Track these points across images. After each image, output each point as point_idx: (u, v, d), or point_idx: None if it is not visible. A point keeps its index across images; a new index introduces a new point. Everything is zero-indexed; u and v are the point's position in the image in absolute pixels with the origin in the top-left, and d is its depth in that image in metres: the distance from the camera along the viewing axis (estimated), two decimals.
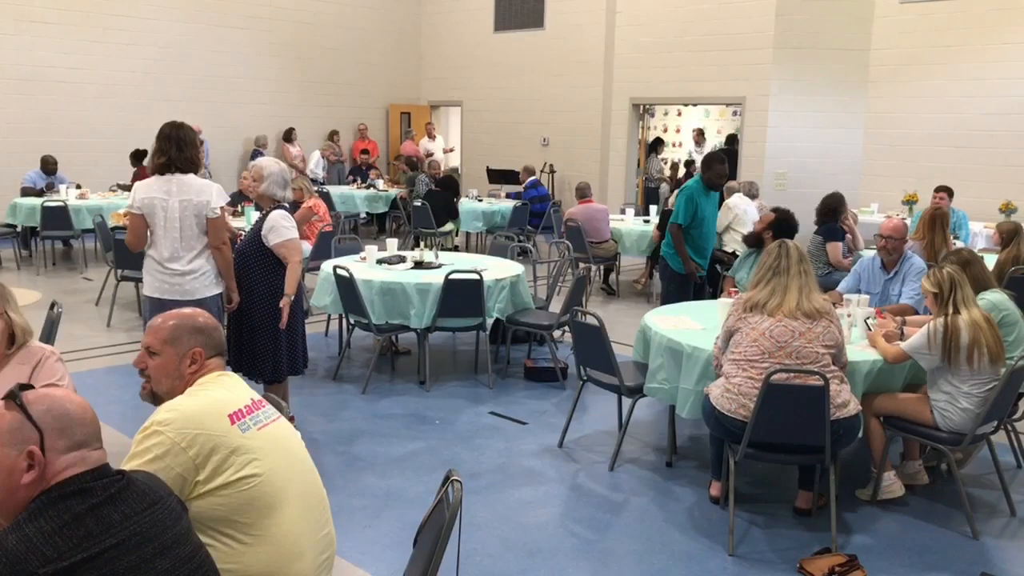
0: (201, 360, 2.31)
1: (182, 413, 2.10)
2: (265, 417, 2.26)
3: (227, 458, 2.08)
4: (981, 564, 3.68)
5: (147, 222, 4.37)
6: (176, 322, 2.34)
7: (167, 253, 4.36)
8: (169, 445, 2.03)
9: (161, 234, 4.36)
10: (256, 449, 2.14)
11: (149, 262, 4.44)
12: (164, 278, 4.39)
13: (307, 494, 2.27)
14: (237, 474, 2.08)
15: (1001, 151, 11.16)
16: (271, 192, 4.58)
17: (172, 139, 4.36)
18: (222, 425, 2.11)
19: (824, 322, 3.77)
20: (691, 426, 5.12)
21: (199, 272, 4.42)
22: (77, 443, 1.71)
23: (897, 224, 5.15)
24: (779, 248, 3.98)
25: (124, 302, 7.98)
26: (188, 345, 2.30)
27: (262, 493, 2.11)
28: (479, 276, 5.68)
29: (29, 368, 2.86)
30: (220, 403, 2.17)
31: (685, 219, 6.28)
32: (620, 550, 3.74)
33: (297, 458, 2.29)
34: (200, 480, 2.05)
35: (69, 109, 12.35)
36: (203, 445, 2.06)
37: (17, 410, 1.70)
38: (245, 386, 2.35)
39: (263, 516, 2.12)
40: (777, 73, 10.89)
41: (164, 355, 2.30)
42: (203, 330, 2.35)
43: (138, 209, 4.36)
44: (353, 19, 15.48)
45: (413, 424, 5.22)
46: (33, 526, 1.60)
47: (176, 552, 1.72)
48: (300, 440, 2.39)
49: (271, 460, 2.16)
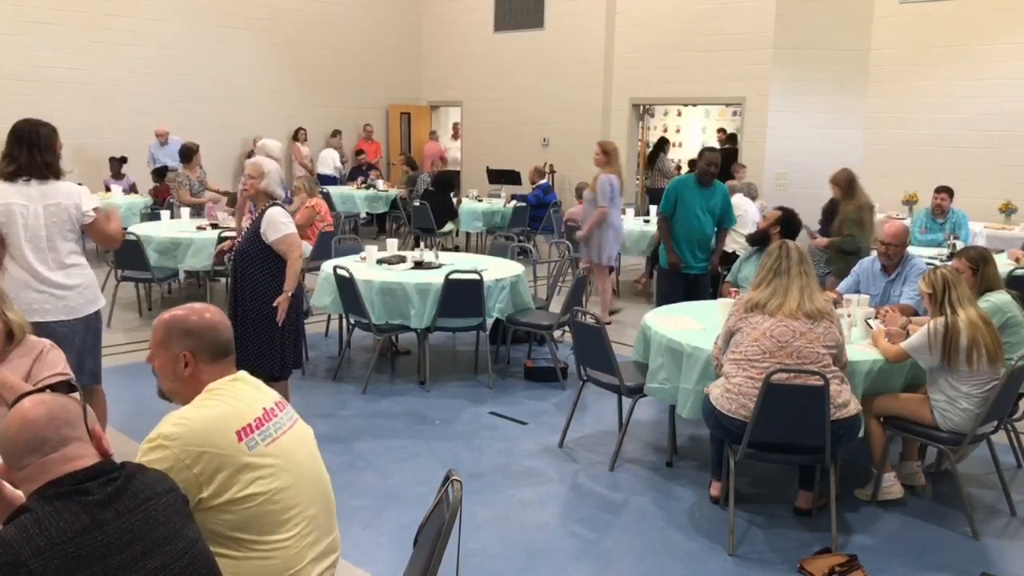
0: (193, 363, 2.22)
1: (189, 429, 2.05)
2: (276, 429, 2.19)
3: (233, 476, 2.05)
4: (981, 564, 3.68)
5: None
6: (167, 324, 2.26)
7: (39, 266, 3.81)
8: (173, 460, 2.00)
9: (22, 244, 3.78)
10: (263, 467, 2.10)
11: (8, 282, 3.75)
12: (44, 296, 3.82)
13: (314, 505, 2.23)
14: (243, 492, 2.06)
15: (1001, 151, 11.16)
16: (271, 189, 4.57)
17: (24, 142, 3.79)
18: (229, 443, 2.07)
19: (825, 323, 3.77)
20: (691, 426, 5.12)
21: (85, 285, 3.97)
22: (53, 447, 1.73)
23: (898, 230, 5.12)
24: (779, 249, 3.99)
25: (124, 302, 7.98)
26: (177, 348, 2.23)
27: (267, 511, 2.09)
28: (479, 276, 5.68)
29: (30, 360, 2.89)
30: (229, 418, 2.12)
31: (665, 208, 6.47)
32: (620, 550, 3.74)
33: (307, 470, 2.24)
34: (204, 497, 2.03)
35: (69, 109, 12.34)
36: (208, 463, 2.03)
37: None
38: (260, 391, 2.29)
39: (267, 532, 2.10)
40: (777, 73, 10.89)
41: (159, 358, 2.26)
42: (193, 332, 2.24)
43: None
44: (353, 19, 15.47)
45: (413, 424, 5.22)
46: (31, 520, 1.62)
47: (167, 549, 1.73)
48: (313, 446, 2.34)
49: (279, 478, 2.12)
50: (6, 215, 3.75)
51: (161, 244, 7.48)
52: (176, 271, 7.65)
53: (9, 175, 3.78)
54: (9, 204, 3.76)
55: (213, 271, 7.67)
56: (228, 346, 2.31)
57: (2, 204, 3.75)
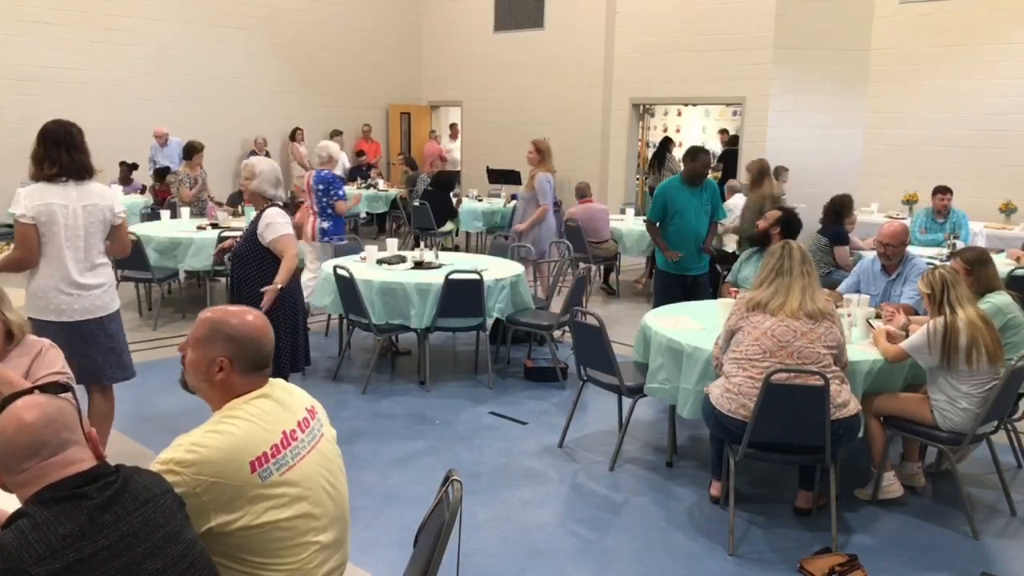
0: (229, 369, 2.15)
1: (203, 457, 1.99)
2: (294, 456, 2.12)
3: (244, 506, 2.01)
4: (981, 564, 3.68)
5: (39, 233, 3.78)
6: (212, 323, 2.19)
7: (72, 268, 3.85)
8: (184, 488, 1.96)
9: (62, 247, 3.82)
10: (276, 496, 2.05)
11: (42, 282, 3.85)
12: (68, 300, 3.88)
13: (330, 529, 2.19)
14: (254, 521, 2.02)
15: (1001, 151, 11.16)
16: (261, 190, 4.55)
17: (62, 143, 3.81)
18: (242, 474, 2.01)
19: (826, 323, 3.77)
20: (691, 426, 5.12)
21: (108, 284, 4.05)
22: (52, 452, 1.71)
23: (897, 230, 5.12)
24: (782, 249, 3.99)
25: (124, 302, 7.94)
26: (216, 351, 2.16)
27: (277, 537, 2.06)
28: (479, 276, 5.68)
29: (28, 360, 2.90)
30: (244, 447, 2.04)
31: (654, 215, 6.41)
32: (620, 550, 3.74)
33: (323, 494, 2.18)
34: (212, 526, 2.00)
35: (69, 109, 12.29)
36: (220, 494, 1.99)
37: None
38: (285, 408, 2.20)
39: (276, 556, 2.07)
40: (777, 73, 10.89)
41: (195, 353, 2.18)
42: (237, 340, 2.17)
43: (32, 219, 3.75)
44: (353, 19, 15.47)
45: (413, 424, 5.22)
46: (29, 525, 1.61)
47: (168, 551, 1.72)
48: (334, 464, 2.27)
49: (292, 507, 2.08)
50: (48, 215, 3.76)
51: (161, 244, 7.48)
52: (176, 271, 7.65)
53: (51, 177, 3.78)
54: (50, 204, 3.77)
55: (213, 271, 7.67)
56: (267, 360, 2.23)
57: (43, 204, 3.75)
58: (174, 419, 5.00)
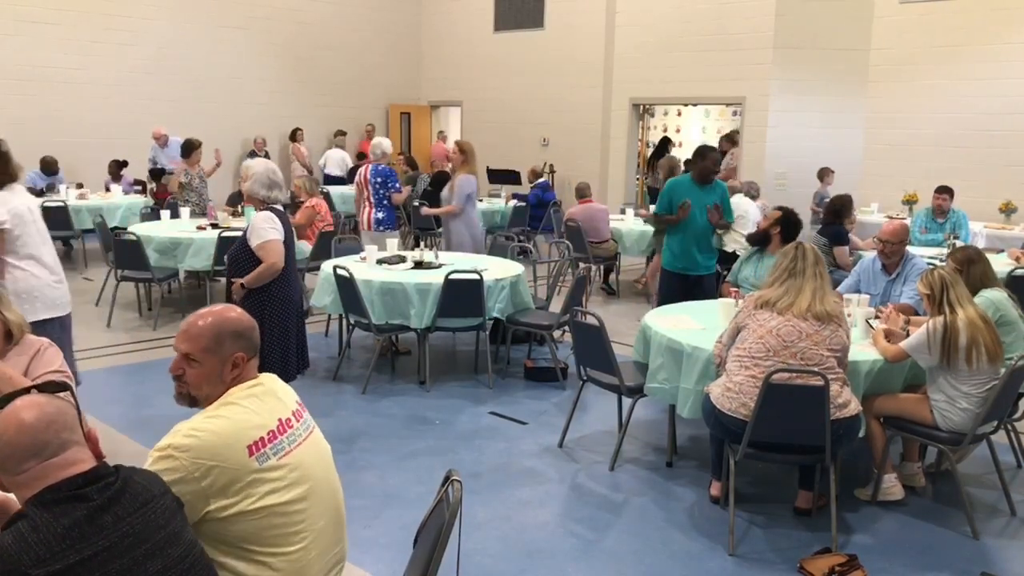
0: (244, 364, 2.22)
1: (201, 441, 2.02)
2: (290, 442, 2.16)
3: (242, 490, 2.03)
4: (981, 564, 3.68)
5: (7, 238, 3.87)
6: (215, 328, 2.22)
7: (51, 263, 3.97)
8: (183, 472, 1.98)
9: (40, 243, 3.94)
10: (274, 480, 2.08)
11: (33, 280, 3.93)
12: (60, 292, 4.01)
13: (324, 517, 2.21)
14: (252, 505, 2.04)
15: (1001, 151, 11.15)
16: (254, 191, 4.51)
17: None
18: (240, 458, 2.04)
19: (832, 326, 3.75)
20: (691, 426, 5.12)
21: None
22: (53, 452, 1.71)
23: (896, 228, 5.12)
24: (796, 250, 3.98)
25: (124, 302, 7.97)
26: (230, 351, 2.20)
27: (275, 523, 2.08)
28: (479, 276, 5.68)
29: (27, 359, 2.91)
30: (241, 431, 2.08)
31: (661, 209, 6.38)
32: (620, 550, 3.74)
33: (319, 482, 2.21)
34: (211, 509, 2.01)
35: (69, 109, 12.35)
36: (217, 477, 2.01)
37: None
38: (278, 398, 2.25)
39: (274, 544, 2.08)
40: (777, 73, 10.89)
41: (205, 364, 2.20)
42: (243, 334, 2.24)
43: (12, 225, 3.86)
44: (353, 19, 15.47)
45: (413, 424, 5.22)
46: (28, 527, 1.60)
47: (168, 552, 1.72)
48: (327, 457, 2.32)
49: (290, 491, 2.10)
50: (18, 219, 3.86)
51: (161, 244, 7.48)
52: (176, 271, 7.65)
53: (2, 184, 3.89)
54: (16, 207, 3.86)
55: (213, 271, 7.67)
56: (259, 344, 2.33)
57: (11, 209, 3.84)
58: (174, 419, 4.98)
